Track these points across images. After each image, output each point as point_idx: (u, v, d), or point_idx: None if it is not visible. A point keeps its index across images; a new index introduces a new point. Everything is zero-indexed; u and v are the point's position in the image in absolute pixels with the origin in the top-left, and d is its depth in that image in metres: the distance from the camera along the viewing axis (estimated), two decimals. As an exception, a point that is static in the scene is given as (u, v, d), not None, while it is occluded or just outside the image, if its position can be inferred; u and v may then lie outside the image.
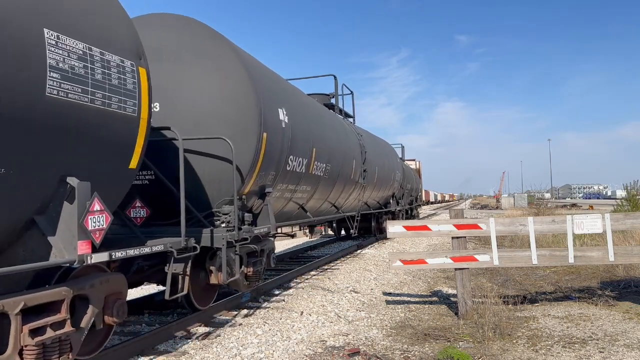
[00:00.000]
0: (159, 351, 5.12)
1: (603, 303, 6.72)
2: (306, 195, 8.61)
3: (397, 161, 18.77)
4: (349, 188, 11.35)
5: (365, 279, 9.61)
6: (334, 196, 10.54)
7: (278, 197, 7.47)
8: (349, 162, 10.82)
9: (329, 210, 10.99)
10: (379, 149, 15.48)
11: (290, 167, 7.35)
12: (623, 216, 6.47)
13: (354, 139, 11.97)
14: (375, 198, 15.52)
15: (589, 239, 11.46)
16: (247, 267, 6.41)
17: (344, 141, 10.69)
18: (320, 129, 8.96)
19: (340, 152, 10.15)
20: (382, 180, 15.15)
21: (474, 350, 5.04)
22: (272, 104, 6.72)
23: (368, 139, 14.16)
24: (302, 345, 5.36)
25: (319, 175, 8.75)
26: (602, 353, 4.81)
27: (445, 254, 6.68)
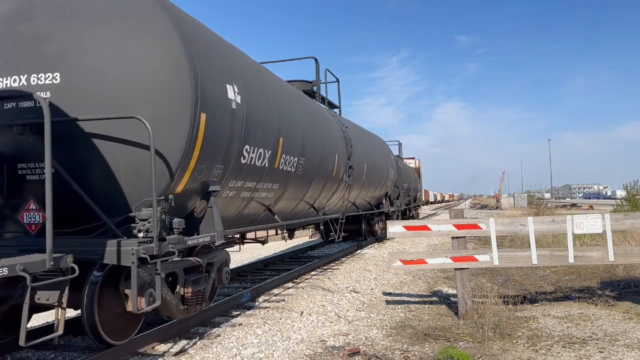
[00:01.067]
0: (159, 351, 5.12)
1: (603, 303, 6.72)
2: (273, 194, 7.25)
3: (390, 158, 17.21)
4: (330, 187, 10.01)
5: (365, 279, 9.61)
6: (312, 196, 9.14)
7: (232, 197, 6.11)
8: (330, 157, 9.42)
9: (307, 212, 9.65)
10: (368, 144, 13.96)
11: (246, 159, 5.98)
12: (623, 216, 6.47)
13: (337, 131, 10.54)
14: (365, 198, 14.05)
15: (589, 239, 11.46)
16: (185, 287, 5.19)
17: (324, 133, 9.26)
18: (290, 116, 7.45)
19: (319, 144, 8.71)
20: (372, 179, 13.69)
21: (474, 350, 5.04)
22: (218, 78, 5.31)
23: (355, 132, 12.67)
24: (302, 345, 5.36)
25: (289, 171, 7.38)
26: (602, 353, 4.81)
27: (445, 254, 6.67)
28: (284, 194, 7.64)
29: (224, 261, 6.20)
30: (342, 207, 11.71)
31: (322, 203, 10.23)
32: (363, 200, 13.94)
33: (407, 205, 23.62)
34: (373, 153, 14.19)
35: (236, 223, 6.80)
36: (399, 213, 19.46)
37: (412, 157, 33.24)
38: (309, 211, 9.67)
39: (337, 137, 10.27)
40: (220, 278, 6.11)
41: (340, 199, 11.25)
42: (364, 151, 12.68)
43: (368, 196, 14.29)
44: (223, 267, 6.14)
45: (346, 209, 12.15)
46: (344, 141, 10.83)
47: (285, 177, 7.37)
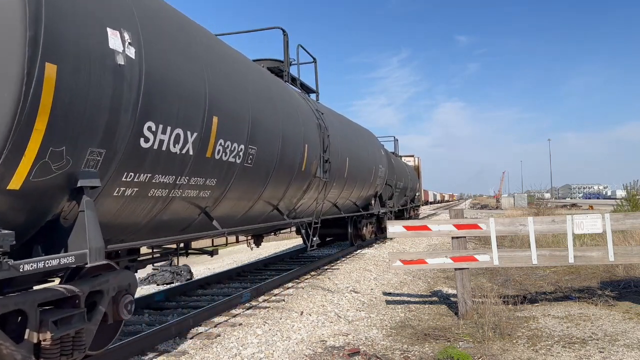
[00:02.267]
0: (159, 351, 5.12)
1: (603, 303, 6.72)
2: (210, 193, 5.62)
3: (380, 154, 15.40)
4: (300, 184, 8.37)
5: (365, 279, 9.61)
6: (274, 195, 7.55)
7: (134, 196, 4.40)
8: (296, 147, 7.84)
9: (271, 216, 7.96)
10: (352, 136, 12.11)
11: (151, 143, 4.28)
12: (623, 216, 6.47)
13: (309, 117, 8.86)
14: (350, 198, 12.40)
15: (589, 239, 11.47)
16: (40, 332, 3.55)
17: (288, 118, 7.62)
18: (232, 92, 5.79)
19: (278, 131, 7.10)
20: (356, 176, 11.97)
21: (474, 350, 5.04)
22: (89, 16, 3.63)
23: (335, 122, 10.94)
24: (302, 345, 5.37)
25: (231, 162, 5.78)
26: (602, 353, 4.81)
27: (445, 254, 6.68)
28: (227, 192, 6.00)
29: (125, 287, 4.55)
30: (318, 209, 10.00)
31: (291, 204, 8.61)
32: (347, 200, 12.27)
33: (403, 205, 22.28)
34: (358, 147, 12.43)
35: (154, 232, 5.18)
36: (392, 215, 17.81)
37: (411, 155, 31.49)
38: (272, 214, 7.96)
39: (308, 125, 8.59)
40: (117, 311, 4.40)
41: (314, 200, 9.58)
42: (345, 144, 11.10)
43: (353, 196, 12.55)
44: (122, 297, 4.48)
45: (323, 210, 10.54)
46: (318, 130, 9.11)
47: (227, 170, 5.75)
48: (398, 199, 19.74)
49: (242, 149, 6.00)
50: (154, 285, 11.52)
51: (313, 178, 8.87)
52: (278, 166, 7.16)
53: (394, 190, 17.87)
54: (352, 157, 11.49)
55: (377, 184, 14.75)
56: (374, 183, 14.29)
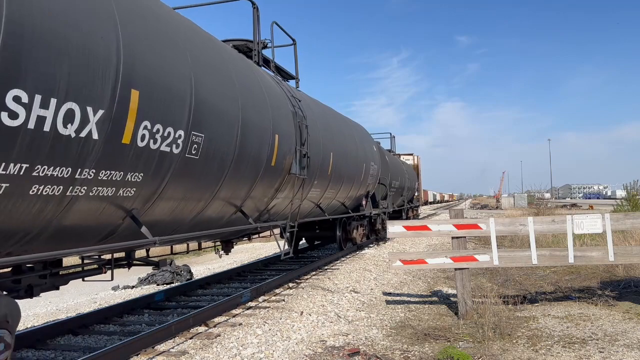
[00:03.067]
0: (159, 351, 5.12)
1: (603, 303, 6.72)
2: (137, 191, 4.48)
3: (372, 150, 14.16)
4: (270, 181, 7.22)
5: (365, 279, 9.61)
6: (233, 195, 6.34)
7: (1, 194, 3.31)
8: (263, 138, 6.65)
9: (233, 220, 6.82)
10: (337, 130, 10.88)
11: (21, 120, 3.19)
12: (623, 216, 6.47)
13: (282, 103, 7.67)
14: (337, 198, 11.26)
15: (589, 239, 11.47)
16: None
17: (252, 101, 6.42)
18: (159, 57, 4.52)
19: (235, 117, 5.89)
20: (343, 173, 10.78)
21: (474, 350, 5.04)
22: None
23: (316, 111, 9.72)
24: (302, 345, 5.37)
25: (165, 152, 4.58)
26: (602, 353, 4.81)
27: (445, 254, 6.68)
28: (164, 190, 4.83)
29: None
30: (295, 211, 8.80)
31: (261, 205, 7.48)
32: (333, 201, 11.08)
33: (400, 206, 21.25)
34: (345, 141, 11.25)
35: (55, 241, 4.08)
36: (386, 216, 16.58)
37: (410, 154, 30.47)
38: (236, 217, 6.83)
39: (280, 112, 7.42)
40: None
41: (289, 200, 8.36)
42: (329, 137, 9.98)
43: (340, 196, 11.38)
44: None
45: (303, 212, 9.46)
46: (294, 119, 7.93)
47: (160, 162, 4.57)
48: (394, 199, 18.82)
49: (182, 135, 4.77)
50: (154, 285, 11.53)
51: (287, 175, 7.66)
52: (238, 159, 5.98)
53: (388, 190, 16.68)
54: (337, 153, 10.32)
55: (369, 183, 13.54)
56: (365, 182, 13.06)
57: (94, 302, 9.17)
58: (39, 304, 10.43)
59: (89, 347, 5.49)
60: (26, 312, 9.21)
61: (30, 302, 10.06)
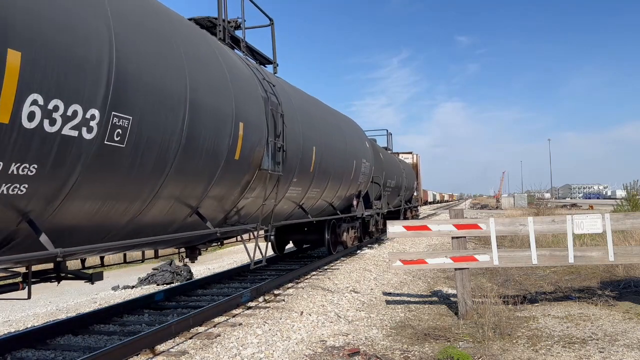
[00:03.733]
0: (159, 351, 5.12)
1: (603, 303, 6.72)
2: (30, 188, 3.47)
3: (364, 146, 13.15)
4: (233, 179, 6.18)
5: (365, 279, 9.61)
6: (184, 194, 5.27)
7: None
8: (222, 125, 5.58)
9: (188, 224, 5.76)
10: (322, 122, 9.82)
11: None
12: (623, 216, 6.47)
13: (248, 86, 6.55)
14: (324, 198, 10.31)
15: (589, 239, 11.47)
16: None
17: (205, 78, 5.35)
18: (52, 7, 3.47)
19: (179, 94, 4.77)
20: (328, 171, 9.77)
21: (474, 350, 5.04)
22: None
23: (296, 100, 8.75)
24: (302, 345, 5.37)
25: (70, 137, 3.59)
26: (602, 353, 4.81)
27: (445, 254, 6.68)
28: (76, 186, 3.81)
29: None
30: (268, 213, 7.69)
31: (226, 205, 6.41)
32: (318, 201, 10.06)
33: (396, 207, 20.14)
34: (332, 135, 10.16)
35: None
36: (380, 218, 15.55)
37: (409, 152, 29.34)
38: (191, 221, 5.75)
39: (247, 97, 6.33)
40: None
41: (260, 200, 7.19)
42: (312, 130, 8.96)
43: (327, 196, 10.32)
44: None
45: (281, 214, 8.50)
46: (265, 106, 6.87)
47: (63, 149, 3.56)
48: (389, 199, 17.82)
49: (96, 116, 3.75)
50: (154, 285, 11.53)
51: (258, 171, 6.66)
52: (186, 150, 4.91)
53: (382, 190, 15.57)
54: (322, 147, 9.30)
55: (360, 181, 12.48)
56: (356, 180, 12.02)
57: (94, 302, 9.17)
58: (38, 304, 10.44)
59: (89, 347, 5.49)
60: (26, 312, 9.21)
61: (30, 302, 10.06)
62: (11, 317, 8.82)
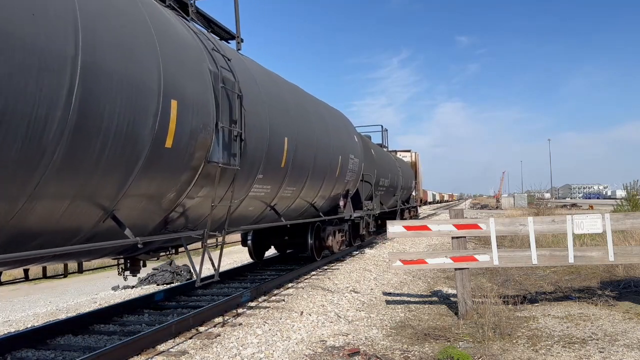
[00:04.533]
0: (159, 351, 5.12)
1: (603, 303, 6.72)
2: None
3: (352, 141, 11.83)
4: (167, 173, 4.94)
5: (365, 279, 9.61)
6: (78, 191, 3.98)
7: None
8: (140, 101, 4.32)
9: (100, 232, 4.55)
10: (296, 107, 8.49)
11: None
12: (623, 216, 6.47)
13: (189, 54, 5.31)
14: (303, 197, 9.14)
15: (589, 239, 11.47)
16: None
17: (108, 34, 4.04)
18: None
19: (65, 53, 3.54)
20: (307, 166, 8.58)
21: (474, 350, 5.04)
22: None
23: (261, 79, 7.39)
24: (302, 345, 5.37)
25: None
26: (602, 353, 4.81)
27: (445, 254, 6.68)
28: None
29: None
30: (222, 217, 6.28)
31: (163, 206, 5.20)
32: (296, 201, 8.85)
33: (391, 207, 19.11)
34: (310, 125, 8.90)
35: None
36: (371, 220, 14.30)
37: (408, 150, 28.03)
38: (105, 227, 4.53)
39: (184, 67, 5.08)
40: None
41: (212, 203, 5.74)
42: (283, 117, 7.65)
43: (307, 195, 9.20)
44: None
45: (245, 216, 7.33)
46: (214, 83, 5.54)
47: None
48: (383, 199, 16.79)
49: None
50: (154, 285, 11.53)
51: (205, 164, 5.35)
52: (78, 130, 3.68)
53: (374, 189, 14.39)
54: (297, 139, 8.03)
55: (348, 179, 11.30)
56: (342, 178, 10.81)
57: (94, 302, 9.17)
58: (38, 304, 10.44)
59: (89, 347, 5.49)
60: (26, 312, 9.21)
61: (30, 302, 10.07)
62: (11, 317, 8.82)
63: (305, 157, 8.50)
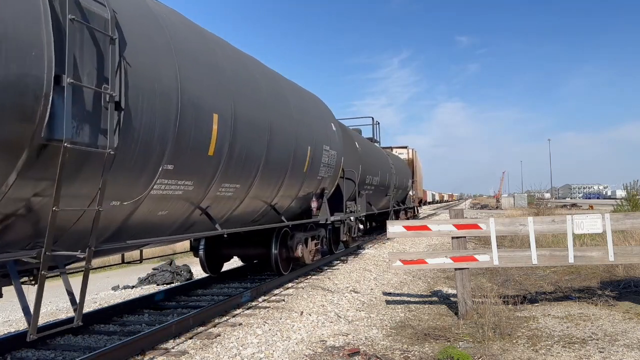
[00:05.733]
0: (159, 351, 5.12)
1: (603, 303, 6.72)
2: None
3: (329, 129, 9.96)
4: None
5: (365, 279, 9.61)
6: None
7: None
8: None
9: None
10: (237, 75, 6.42)
11: None
12: (623, 216, 6.47)
13: None
14: (261, 198, 7.34)
15: (588, 239, 11.47)
16: None
17: None
18: None
19: None
20: (255, 156, 6.64)
21: (474, 350, 5.04)
22: None
23: (175, 27, 5.31)
24: (302, 345, 5.37)
25: None
26: (602, 353, 4.81)
27: (445, 254, 6.68)
28: None
29: None
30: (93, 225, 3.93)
31: None
32: (244, 202, 6.85)
33: (383, 209, 17.45)
34: (262, 103, 6.90)
35: None
36: (355, 223, 12.42)
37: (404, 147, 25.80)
38: None
39: None
40: None
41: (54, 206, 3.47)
42: (216, 87, 5.71)
43: (261, 195, 7.27)
44: None
45: (142, 224, 5.07)
46: (50, 8, 3.46)
47: None
48: (373, 199, 15.17)
49: None
50: (154, 285, 11.54)
51: (36, 143, 3.42)
52: None
53: (358, 188, 12.46)
54: (234, 117, 5.96)
55: (322, 176, 9.48)
56: (313, 174, 9.01)
57: (94, 302, 9.17)
58: (39, 303, 10.43)
59: (89, 347, 5.49)
60: (26, 312, 9.21)
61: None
62: (11, 317, 8.82)
63: (253, 145, 6.49)
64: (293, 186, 8.38)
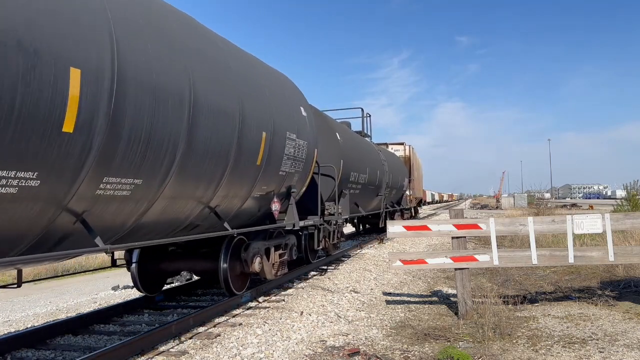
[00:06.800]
0: (159, 351, 5.12)
1: (603, 303, 6.72)
2: None
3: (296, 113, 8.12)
4: None
5: (365, 279, 9.61)
6: None
7: None
8: None
9: None
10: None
11: None
12: (623, 216, 6.47)
13: None
14: (186, 198, 5.38)
15: (589, 239, 11.47)
16: None
17: None
18: None
19: None
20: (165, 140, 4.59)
21: (474, 350, 5.04)
22: None
23: None
24: (302, 345, 5.37)
25: None
26: (602, 353, 4.81)
27: (445, 254, 6.68)
28: None
29: None
30: None
31: None
32: (160, 203, 4.97)
33: (374, 210, 15.78)
34: (183, 67, 4.92)
35: None
36: (333, 228, 10.64)
37: (401, 143, 23.71)
38: None
39: None
40: None
41: None
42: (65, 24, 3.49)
43: (189, 195, 5.38)
44: None
45: None
46: None
47: None
48: (360, 199, 13.49)
49: None
50: (154, 285, 11.51)
51: None
52: None
53: (338, 187, 10.72)
54: (114, 73, 3.92)
55: (286, 171, 7.67)
56: (273, 169, 7.21)
57: (94, 302, 9.16)
58: (39, 303, 10.43)
59: (89, 347, 5.49)
60: (26, 312, 9.21)
61: (30, 302, 10.06)
62: (11, 317, 8.82)
63: (161, 122, 4.54)
64: (241, 184, 6.43)
